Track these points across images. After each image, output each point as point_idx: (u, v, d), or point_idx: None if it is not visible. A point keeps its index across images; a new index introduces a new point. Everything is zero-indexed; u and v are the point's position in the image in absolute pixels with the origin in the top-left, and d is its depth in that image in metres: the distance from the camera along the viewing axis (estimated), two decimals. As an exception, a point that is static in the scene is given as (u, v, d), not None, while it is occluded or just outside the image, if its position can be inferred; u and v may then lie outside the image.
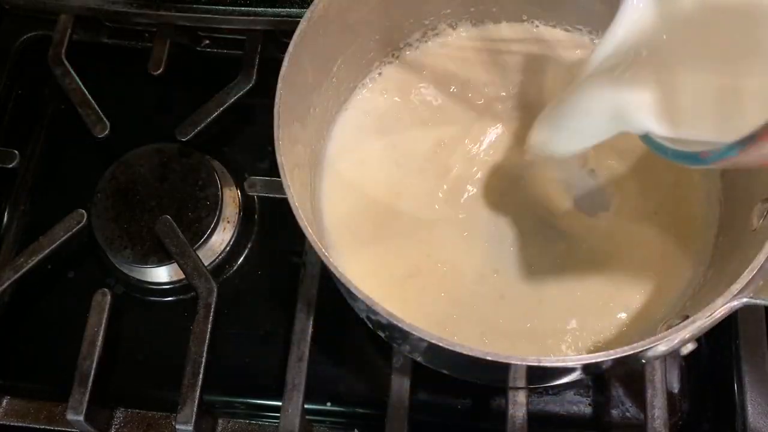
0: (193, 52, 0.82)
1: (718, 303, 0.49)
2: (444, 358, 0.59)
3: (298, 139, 0.59)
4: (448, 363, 0.60)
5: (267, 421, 0.69)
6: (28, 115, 0.81)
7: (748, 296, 0.49)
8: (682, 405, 0.68)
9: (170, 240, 0.69)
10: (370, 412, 0.68)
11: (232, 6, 0.77)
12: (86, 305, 0.67)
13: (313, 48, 0.59)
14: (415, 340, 0.51)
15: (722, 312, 0.49)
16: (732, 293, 0.49)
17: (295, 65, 0.56)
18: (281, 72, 0.55)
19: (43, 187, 0.78)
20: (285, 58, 0.56)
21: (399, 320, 0.48)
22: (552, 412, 0.67)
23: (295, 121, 0.58)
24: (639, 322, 0.61)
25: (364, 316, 0.56)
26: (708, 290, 0.57)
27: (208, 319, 0.66)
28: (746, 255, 0.51)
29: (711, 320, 0.49)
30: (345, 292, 0.52)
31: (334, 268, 0.50)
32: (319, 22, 0.58)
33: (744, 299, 0.49)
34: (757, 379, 0.65)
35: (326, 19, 0.59)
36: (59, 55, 0.77)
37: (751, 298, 0.49)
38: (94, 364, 0.65)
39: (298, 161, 0.59)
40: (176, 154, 0.73)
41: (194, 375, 0.64)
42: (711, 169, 0.62)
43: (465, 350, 0.47)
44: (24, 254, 0.70)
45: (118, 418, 0.69)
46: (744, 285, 0.49)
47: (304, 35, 0.57)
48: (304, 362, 0.65)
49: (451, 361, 0.59)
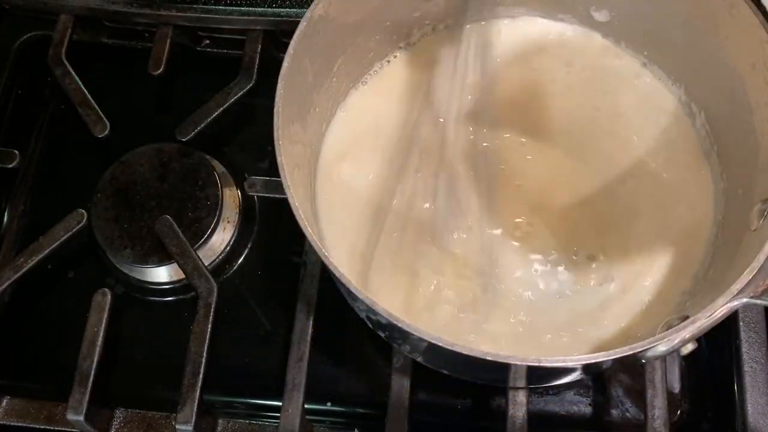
0: (193, 52, 0.82)
1: (719, 303, 0.49)
2: (443, 358, 0.59)
3: (298, 139, 0.59)
4: (447, 363, 0.60)
5: (267, 421, 0.69)
6: (28, 115, 0.81)
7: (749, 296, 0.49)
8: (682, 405, 0.68)
9: (170, 240, 0.69)
10: (370, 412, 0.68)
11: (232, 6, 0.77)
12: (86, 305, 0.67)
13: (314, 48, 0.59)
14: (414, 340, 0.51)
15: (722, 312, 0.49)
16: (732, 293, 0.49)
17: (296, 65, 0.56)
18: (281, 72, 0.55)
19: (43, 187, 0.78)
20: (285, 58, 0.56)
21: (399, 320, 0.48)
22: (552, 412, 0.67)
23: (295, 121, 0.58)
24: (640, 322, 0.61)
25: (364, 316, 0.56)
26: (708, 290, 0.57)
27: (208, 319, 0.66)
28: (746, 255, 0.51)
29: (711, 320, 0.49)
30: (345, 292, 0.52)
31: (334, 268, 0.50)
32: (319, 22, 0.58)
33: (744, 299, 0.49)
34: (757, 379, 0.65)
35: (326, 19, 0.59)
36: (59, 55, 0.77)
37: (751, 298, 0.49)
38: (94, 364, 0.65)
39: (298, 162, 0.59)
40: (176, 154, 0.73)
41: (194, 375, 0.64)
42: None
43: (464, 350, 0.47)
44: (24, 254, 0.70)
45: (118, 418, 0.69)
46: (744, 285, 0.49)
47: (304, 35, 0.57)
48: (304, 362, 0.65)
49: (450, 361, 0.59)
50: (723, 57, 0.60)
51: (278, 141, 0.53)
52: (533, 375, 0.59)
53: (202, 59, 0.82)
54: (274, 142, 0.53)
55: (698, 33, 0.61)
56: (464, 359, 0.49)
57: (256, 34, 0.77)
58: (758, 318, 0.67)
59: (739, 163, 0.61)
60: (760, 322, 0.67)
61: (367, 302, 0.49)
